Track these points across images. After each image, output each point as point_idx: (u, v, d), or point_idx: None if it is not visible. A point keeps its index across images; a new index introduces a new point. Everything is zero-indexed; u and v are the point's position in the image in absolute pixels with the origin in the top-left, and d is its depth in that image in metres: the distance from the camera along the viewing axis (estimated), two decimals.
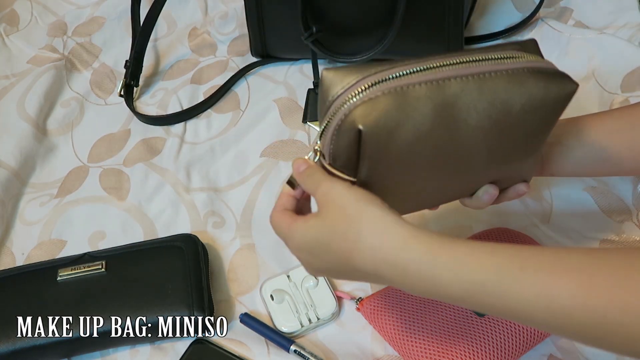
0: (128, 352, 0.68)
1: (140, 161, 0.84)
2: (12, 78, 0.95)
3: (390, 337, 0.64)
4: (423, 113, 0.49)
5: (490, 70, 0.50)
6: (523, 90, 0.50)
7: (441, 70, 0.49)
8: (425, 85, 0.49)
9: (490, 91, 0.49)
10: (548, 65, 0.51)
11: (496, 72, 0.50)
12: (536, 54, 0.52)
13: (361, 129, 0.48)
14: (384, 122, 0.48)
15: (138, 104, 0.92)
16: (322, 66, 0.91)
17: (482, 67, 0.50)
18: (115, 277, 0.68)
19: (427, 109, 0.49)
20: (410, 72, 0.50)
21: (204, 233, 0.77)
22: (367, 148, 0.49)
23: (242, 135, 0.86)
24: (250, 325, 0.68)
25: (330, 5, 0.83)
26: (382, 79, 0.49)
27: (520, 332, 0.62)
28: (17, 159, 0.84)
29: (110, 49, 0.98)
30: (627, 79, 0.84)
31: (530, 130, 0.52)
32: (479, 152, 0.52)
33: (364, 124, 0.48)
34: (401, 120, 0.48)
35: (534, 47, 0.53)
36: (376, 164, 0.51)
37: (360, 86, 0.49)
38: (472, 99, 0.49)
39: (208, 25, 1.00)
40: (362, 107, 0.48)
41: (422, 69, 0.50)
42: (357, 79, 0.49)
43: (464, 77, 0.49)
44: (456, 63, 0.50)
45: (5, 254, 0.77)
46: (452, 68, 0.49)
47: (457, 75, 0.49)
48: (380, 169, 0.51)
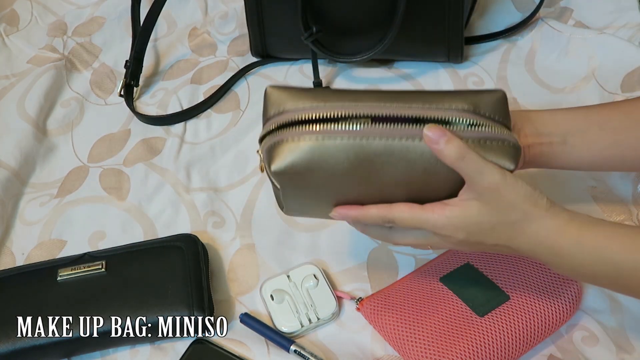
0: (128, 352, 0.68)
1: (140, 161, 0.84)
2: (12, 78, 0.95)
3: (390, 337, 0.64)
4: (339, 161, 0.52)
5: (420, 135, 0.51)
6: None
7: (370, 129, 0.51)
8: (347, 139, 0.52)
9: (413, 157, 0.52)
10: (481, 134, 0.53)
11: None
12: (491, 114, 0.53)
13: (273, 169, 0.53)
14: (295, 168, 0.52)
15: (138, 104, 0.92)
16: (322, 66, 0.91)
17: (413, 131, 0.52)
18: (115, 277, 0.68)
19: (345, 160, 0.52)
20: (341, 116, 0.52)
21: (204, 233, 0.77)
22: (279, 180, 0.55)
23: (242, 135, 0.86)
24: (250, 325, 0.68)
25: (330, 6, 0.83)
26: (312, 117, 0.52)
27: (520, 332, 0.62)
28: (17, 159, 0.83)
29: (110, 49, 0.98)
30: (627, 79, 0.84)
31: (446, 183, 0.55)
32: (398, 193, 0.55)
33: (276, 166, 0.53)
34: (313, 168, 0.52)
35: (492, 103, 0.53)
36: (287, 189, 0.56)
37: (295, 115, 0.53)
38: (393, 161, 0.52)
39: (208, 25, 1.00)
40: (282, 147, 0.53)
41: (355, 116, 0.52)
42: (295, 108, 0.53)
43: (391, 138, 0.51)
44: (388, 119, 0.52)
45: (5, 254, 0.77)
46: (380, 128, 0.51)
47: (383, 135, 0.51)
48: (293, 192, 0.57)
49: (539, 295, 0.63)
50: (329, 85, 0.90)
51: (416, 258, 0.73)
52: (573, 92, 0.85)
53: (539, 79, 0.88)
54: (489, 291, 0.64)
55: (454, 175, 0.53)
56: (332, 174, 0.53)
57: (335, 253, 0.74)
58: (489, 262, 0.67)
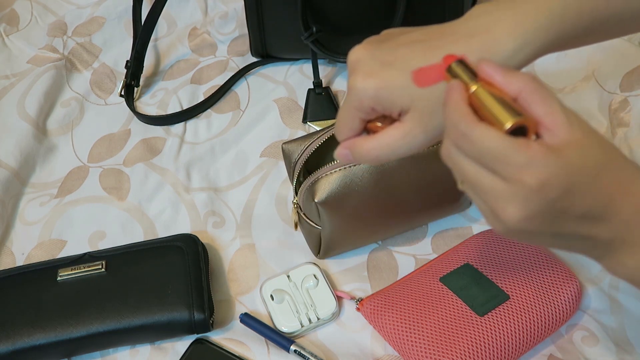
0: (128, 352, 0.68)
1: (140, 161, 0.84)
2: (12, 78, 0.95)
3: (390, 337, 0.64)
4: (365, 180, 0.65)
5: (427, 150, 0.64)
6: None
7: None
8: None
9: (422, 167, 0.66)
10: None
11: (430, 151, 0.65)
12: None
13: (317, 200, 0.65)
14: (334, 195, 0.65)
15: (138, 104, 0.92)
16: (322, 66, 0.91)
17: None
18: (115, 277, 0.68)
19: (369, 178, 0.65)
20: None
21: (204, 233, 0.77)
22: (323, 210, 0.66)
23: (242, 135, 0.86)
24: (250, 325, 0.68)
25: (330, 6, 0.83)
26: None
27: (520, 332, 0.62)
28: (17, 159, 0.83)
29: (110, 49, 0.98)
30: (626, 79, 0.84)
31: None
32: (415, 202, 0.70)
33: (319, 198, 0.65)
34: (347, 192, 0.65)
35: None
36: (331, 217, 0.67)
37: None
38: (406, 171, 0.66)
39: (208, 25, 1.00)
40: (320, 183, 0.65)
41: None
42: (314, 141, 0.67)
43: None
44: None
45: (5, 254, 0.77)
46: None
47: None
48: (336, 220, 0.67)
49: (539, 295, 0.63)
50: (329, 85, 0.90)
51: (416, 258, 0.73)
52: (573, 92, 0.85)
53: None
54: (488, 291, 0.64)
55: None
56: (363, 192, 0.66)
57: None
58: (489, 262, 0.67)
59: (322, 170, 0.66)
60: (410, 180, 0.67)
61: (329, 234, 0.69)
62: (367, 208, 0.68)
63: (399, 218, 0.71)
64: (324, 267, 0.73)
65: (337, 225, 0.68)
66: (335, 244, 0.71)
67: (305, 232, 0.73)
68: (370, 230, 0.72)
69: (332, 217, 0.67)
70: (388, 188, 0.67)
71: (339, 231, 0.69)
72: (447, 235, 0.75)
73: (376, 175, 0.65)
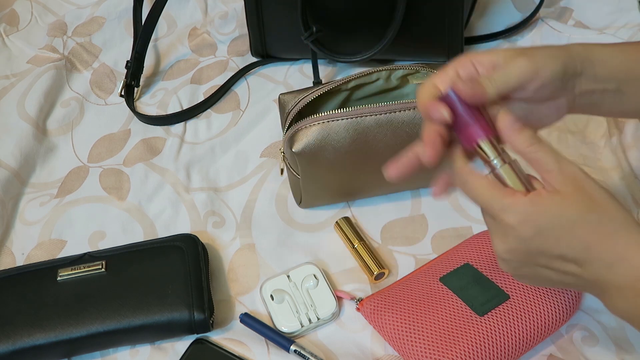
0: (128, 352, 0.68)
1: (140, 161, 0.84)
2: (12, 78, 0.95)
3: (390, 337, 0.64)
4: (342, 137, 0.68)
5: (400, 108, 0.68)
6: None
7: (361, 110, 0.68)
8: (345, 120, 0.68)
9: (396, 125, 0.68)
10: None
11: (403, 109, 0.68)
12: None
13: (294, 150, 0.69)
14: (310, 147, 0.68)
15: (138, 104, 0.92)
16: (322, 66, 0.91)
17: (393, 106, 0.68)
18: (115, 277, 0.68)
19: (346, 135, 0.68)
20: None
21: (204, 233, 0.77)
22: (299, 160, 0.70)
23: (242, 135, 0.86)
24: (250, 325, 0.68)
25: (330, 5, 0.83)
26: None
27: (520, 331, 0.62)
28: (17, 159, 0.83)
29: (110, 49, 0.98)
30: None
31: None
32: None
33: (296, 148, 0.68)
34: (323, 144, 0.68)
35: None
36: (308, 168, 0.71)
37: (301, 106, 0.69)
38: (381, 130, 0.68)
39: (208, 25, 1.00)
40: (299, 134, 0.68)
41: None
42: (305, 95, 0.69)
43: (378, 114, 0.68)
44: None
45: (5, 254, 0.77)
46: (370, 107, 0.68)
47: (372, 112, 0.68)
48: (312, 171, 0.71)
49: (539, 295, 0.63)
50: None
51: (416, 258, 0.73)
52: None
53: None
54: (488, 291, 0.64)
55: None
56: (339, 148, 0.68)
57: (335, 253, 0.74)
58: (489, 262, 0.67)
59: (303, 122, 0.68)
60: (387, 140, 0.69)
61: (306, 184, 0.73)
62: (342, 163, 0.70)
63: (374, 176, 0.70)
64: (324, 267, 0.73)
65: (312, 176, 0.72)
66: (312, 194, 0.75)
67: (290, 181, 0.77)
68: (347, 186, 0.75)
69: (308, 168, 0.70)
70: (364, 146, 0.69)
71: (315, 182, 0.73)
72: (447, 235, 0.75)
73: (353, 133, 0.68)
